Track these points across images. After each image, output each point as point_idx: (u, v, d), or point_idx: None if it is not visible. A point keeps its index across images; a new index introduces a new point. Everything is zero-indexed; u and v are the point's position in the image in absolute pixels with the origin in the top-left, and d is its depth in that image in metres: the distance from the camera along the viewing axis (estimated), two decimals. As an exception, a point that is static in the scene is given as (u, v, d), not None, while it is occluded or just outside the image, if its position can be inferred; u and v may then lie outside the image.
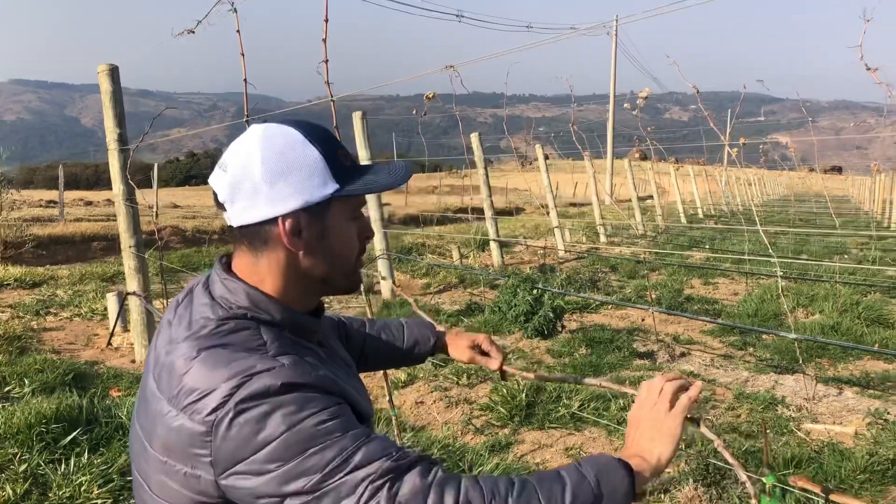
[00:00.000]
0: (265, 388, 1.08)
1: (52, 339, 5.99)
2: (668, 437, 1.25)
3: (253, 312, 1.23)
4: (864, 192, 35.62)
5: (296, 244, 1.24)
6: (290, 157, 1.21)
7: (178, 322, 1.24)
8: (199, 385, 1.10)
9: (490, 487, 1.09)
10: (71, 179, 44.91)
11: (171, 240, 14.54)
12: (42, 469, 3.17)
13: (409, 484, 1.06)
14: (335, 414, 1.11)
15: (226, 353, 1.14)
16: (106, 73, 5.18)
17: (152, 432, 1.17)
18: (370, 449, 1.08)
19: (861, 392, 4.61)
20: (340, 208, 1.26)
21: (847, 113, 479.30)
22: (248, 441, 1.06)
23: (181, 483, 1.14)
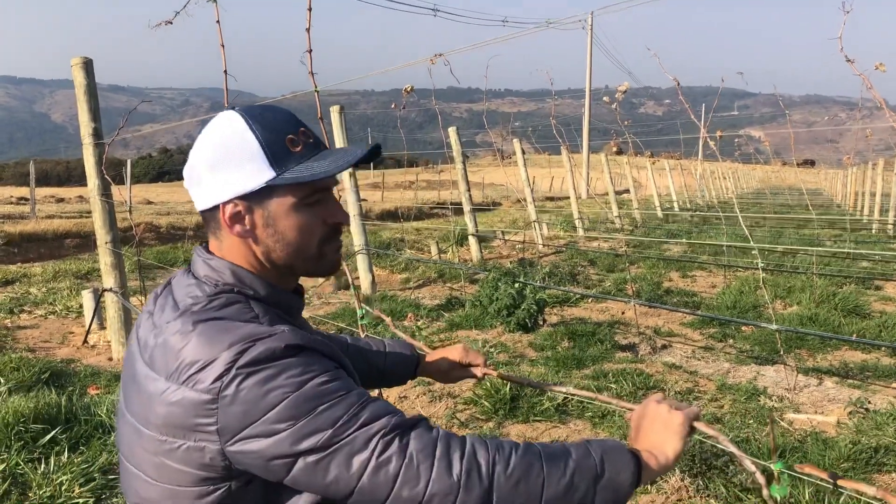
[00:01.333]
0: (269, 351, 1.10)
1: (26, 337, 5.89)
2: (676, 434, 1.27)
3: (239, 287, 1.24)
4: (836, 185, 36.11)
5: (240, 231, 1.25)
6: (228, 145, 1.22)
7: (160, 310, 1.24)
8: (200, 356, 1.11)
9: (495, 444, 1.13)
10: (42, 176, 44.25)
11: (146, 236, 14.37)
12: (21, 468, 3.11)
13: (418, 437, 1.10)
14: (335, 375, 1.14)
15: (222, 323, 1.15)
16: (80, 65, 5.08)
17: (148, 414, 1.16)
18: (376, 407, 1.12)
19: (841, 382, 4.66)
20: (286, 194, 1.23)
21: (819, 107, 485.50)
22: (255, 404, 1.07)
23: (182, 459, 1.13)
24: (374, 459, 1.07)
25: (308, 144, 1.25)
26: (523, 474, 1.10)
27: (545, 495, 1.10)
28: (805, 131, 77.68)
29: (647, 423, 1.31)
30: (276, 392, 1.07)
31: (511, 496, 1.09)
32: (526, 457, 1.12)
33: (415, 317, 6.57)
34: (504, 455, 1.11)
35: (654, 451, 1.24)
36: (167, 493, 1.17)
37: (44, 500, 2.90)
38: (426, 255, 11.42)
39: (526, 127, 16.07)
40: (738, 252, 10.79)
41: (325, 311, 6.87)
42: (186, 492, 1.16)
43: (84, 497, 2.94)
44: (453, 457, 1.09)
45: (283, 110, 1.28)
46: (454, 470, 1.08)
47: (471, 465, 1.09)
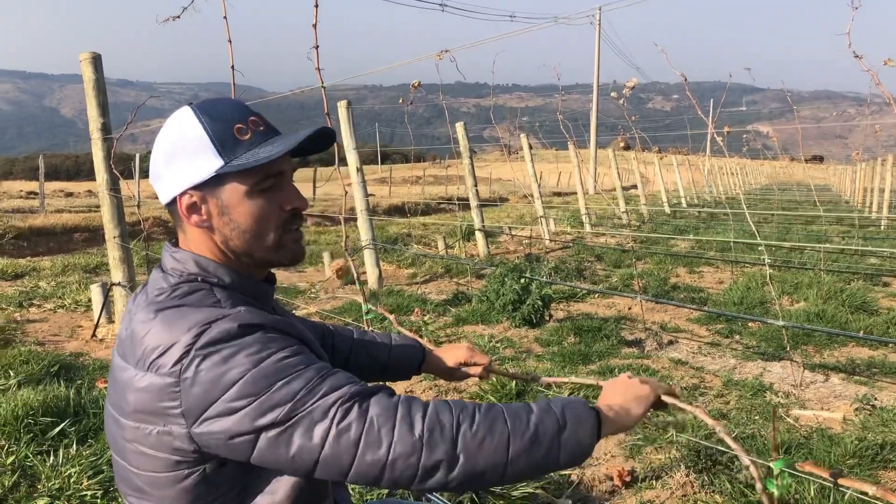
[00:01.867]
0: (225, 331, 1.12)
1: (35, 330, 5.92)
2: (640, 399, 1.34)
3: (203, 276, 1.26)
4: (845, 181, 35.93)
5: (197, 221, 1.27)
6: (180, 139, 1.25)
7: (136, 306, 1.26)
8: (160, 341, 1.13)
9: (458, 405, 1.15)
10: (51, 170, 44.40)
11: (155, 231, 14.42)
12: (30, 461, 3.14)
13: (378, 402, 1.11)
14: (296, 351, 1.15)
15: (182, 310, 1.18)
16: (88, 61, 5.11)
17: (122, 402, 1.19)
18: (335, 378, 1.13)
19: (847, 378, 4.65)
20: (238, 182, 1.24)
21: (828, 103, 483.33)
22: (215, 383, 1.09)
23: (154, 445, 1.16)
24: (334, 427, 1.07)
25: (257, 132, 1.26)
26: (488, 431, 1.11)
27: (511, 450, 1.12)
28: (814, 127, 77.26)
29: (614, 387, 1.38)
30: (235, 370, 1.09)
31: (477, 453, 1.10)
32: (489, 414, 1.14)
33: (421, 312, 6.58)
34: (468, 413, 1.13)
35: (615, 407, 1.30)
36: (148, 481, 1.20)
37: (52, 492, 2.93)
38: (433, 250, 11.43)
39: (533, 122, 16.06)
40: (746, 248, 10.76)
41: (332, 306, 6.89)
42: (164, 478, 1.18)
43: (92, 489, 2.96)
44: (415, 418, 1.10)
45: (235, 101, 1.30)
46: (416, 430, 1.08)
47: (433, 424, 1.10)
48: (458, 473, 1.09)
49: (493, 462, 1.11)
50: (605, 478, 3.20)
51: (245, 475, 1.22)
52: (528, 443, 1.14)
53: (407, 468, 1.08)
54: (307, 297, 7.47)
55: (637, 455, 3.41)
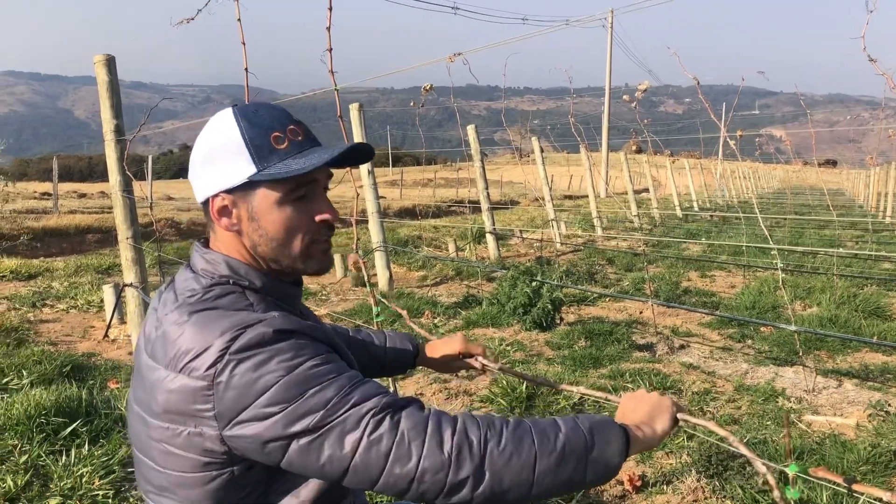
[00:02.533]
0: (259, 337, 1.12)
1: (48, 330, 5.96)
2: (666, 412, 1.33)
3: (235, 279, 1.27)
4: (858, 185, 35.71)
5: (227, 224, 1.28)
6: (218, 142, 1.25)
7: (162, 305, 1.27)
8: (194, 344, 1.14)
9: (486, 421, 1.15)
10: (64, 172, 44.71)
11: (167, 232, 14.50)
12: (42, 460, 3.15)
13: (409, 416, 1.12)
14: (327, 359, 1.16)
15: (216, 313, 1.18)
16: (102, 63, 5.14)
17: (151, 402, 1.19)
18: (366, 387, 1.14)
19: (860, 384, 4.61)
20: (269, 190, 1.24)
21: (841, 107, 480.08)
22: (248, 388, 1.09)
23: (184, 446, 1.17)
24: (365, 438, 1.08)
25: (294, 142, 1.26)
26: (515, 449, 1.12)
27: (537, 469, 1.12)
28: (827, 131, 76.91)
29: (636, 403, 1.36)
30: (268, 376, 1.10)
31: (503, 471, 1.10)
32: (517, 432, 1.14)
33: (432, 314, 6.58)
34: (496, 430, 1.13)
35: (642, 426, 1.29)
36: (174, 481, 1.21)
37: (65, 492, 2.94)
38: (443, 252, 11.43)
39: (545, 125, 16.03)
40: (758, 252, 10.70)
41: (343, 308, 6.91)
42: (191, 478, 1.19)
43: (104, 489, 2.98)
44: (444, 434, 1.10)
45: (277, 108, 1.30)
46: (445, 446, 1.09)
47: (462, 441, 1.10)
48: (484, 490, 1.10)
49: (519, 480, 1.11)
50: (615, 483, 3.18)
51: (270, 477, 1.23)
52: (555, 462, 1.14)
53: (434, 483, 1.09)
54: (318, 299, 7.48)
55: (648, 460, 3.40)
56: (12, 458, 3.16)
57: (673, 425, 1.34)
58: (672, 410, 1.34)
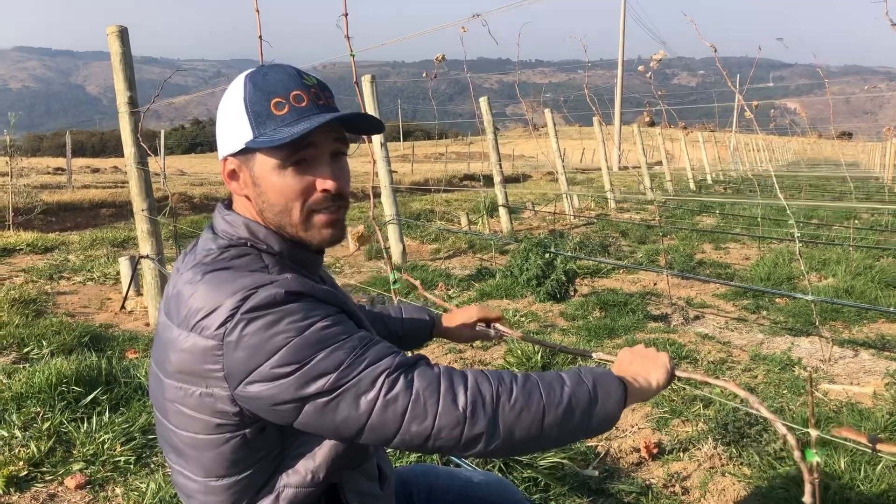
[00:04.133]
0: (270, 297, 1.12)
1: (66, 302, 6.01)
2: (661, 366, 1.36)
3: (253, 242, 1.27)
4: (874, 157, 35.33)
5: (235, 188, 1.30)
6: (228, 104, 1.26)
7: (184, 265, 1.27)
8: (205, 304, 1.14)
9: (496, 376, 1.17)
10: (77, 147, 44.83)
11: (180, 207, 14.54)
12: (65, 427, 3.19)
13: (422, 375, 1.13)
14: (338, 320, 1.16)
15: (229, 273, 1.18)
16: (115, 34, 5.12)
17: (165, 361, 1.20)
18: (378, 348, 1.15)
19: (877, 354, 4.60)
20: (266, 156, 1.23)
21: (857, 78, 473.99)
22: (258, 349, 1.10)
23: (197, 406, 1.17)
24: (381, 398, 1.09)
25: (295, 108, 1.22)
26: (525, 403, 1.15)
27: (545, 421, 1.16)
28: (842, 102, 75.90)
29: (633, 356, 1.40)
30: (279, 337, 1.10)
31: (514, 424, 1.14)
32: (526, 386, 1.17)
33: (445, 286, 6.59)
34: (506, 386, 1.15)
35: (639, 377, 1.33)
36: (187, 442, 1.22)
37: (87, 458, 2.98)
38: (456, 226, 11.42)
39: (557, 97, 15.89)
40: (772, 224, 10.64)
41: (357, 280, 6.93)
42: (204, 440, 1.20)
43: (125, 455, 3.01)
44: (458, 391, 1.12)
45: (289, 71, 1.26)
46: (459, 403, 1.11)
47: (475, 397, 1.12)
48: (497, 443, 1.13)
49: (529, 433, 1.15)
50: (631, 450, 3.20)
51: (284, 439, 1.23)
52: (562, 415, 1.17)
53: (450, 439, 1.11)
54: (332, 271, 7.50)
55: (664, 427, 3.40)
56: (35, 424, 3.21)
57: (669, 380, 1.36)
58: (668, 365, 1.37)
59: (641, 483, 2.90)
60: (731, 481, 2.88)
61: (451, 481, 1.69)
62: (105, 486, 2.84)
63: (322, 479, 1.25)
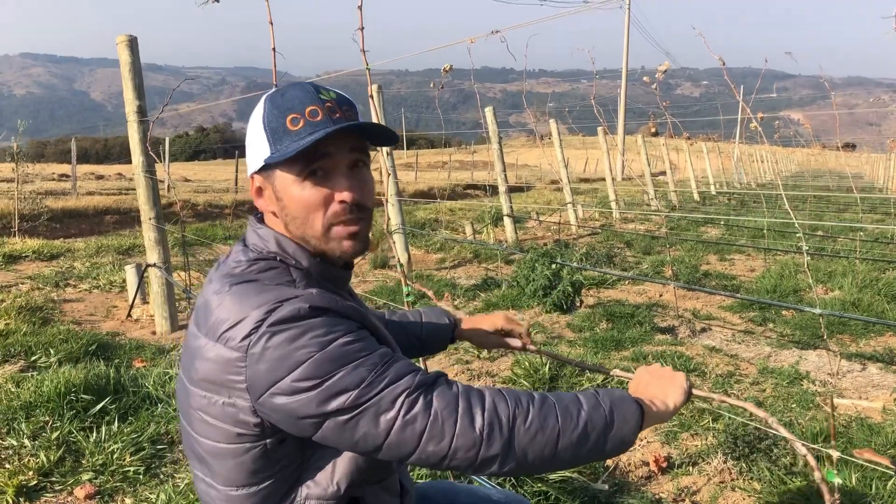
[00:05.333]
0: (295, 311, 1.13)
1: (72, 310, 6.02)
2: (679, 387, 1.37)
3: (282, 256, 1.28)
4: (878, 169, 35.32)
5: (262, 205, 1.33)
6: (251, 124, 1.29)
7: (215, 275, 1.29)
8: (231, 315, 1.16)
9: (514, 398, 1.18)
10: (81, 154, 44.95)
11: (184, 214, 14.55)
12: (74, 437, 3.19)
13: (441, 395, 1.14)
14: (360, 336, 1.17)
15: (256, 285, 1.20)
16: (125, 44, 5.15)
17: (191, 369, 1.22)
18: (398, 367, 1.15)
19: (885, 367, 4.58)
20: (284, 171, 1.25)
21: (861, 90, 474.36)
22: (281, 362, 1.11)
23: (219, 415, 1.19)
24: (400, 418, 1.11)
25: (310, 122, 1.23)
26: (541, 426, 1.16)
27: (560, 444, 1.16)
28: (846, 114, 76.01)
29: (650, 376, 1.40)
30: (302, 351, 1.11)
31: (529, 446, 1.15)
32: (543, 409, 1.18)
33: (451, 296, 6.59)
34: (523, 408, 1.16)
35: (656, 400, 1.33)
36: (209, 450, 1.23)
37: (96, 468, 2.98)
38: (461, 235, 11.42)
39: (561, 107, 15.90)
40: (778, 236, 10.63)
41: (363, 289, 6.92)
42: (225, 449, 1.21)
43: (135, 465, 3.01)
44: (475, 412, 1.13)
45: (306, 88, 1.27)
46: (476, 424, 1.12)
47: (492, 419, 1.13)
48: (511, 465, 1.15)
49: (543, 455, 1.16)
50: (641, 463, 3.19)
51: (304, 451, 1.24)
52: (577, 439, 1.18)
53: (465, 459, 1.12)
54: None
55: (673, 441, 3.40)
56: (44, 434, 3.20)
57: (685, 400, 1.37)
58: (685, 385, 1.37)
59: (651, 497, 2.90)
60: (741, 496, 2.88)
61: (470, 499, 1.69)
62: (114, 496, 2.84)
63: (343, 492, 1.25)
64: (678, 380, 1.38)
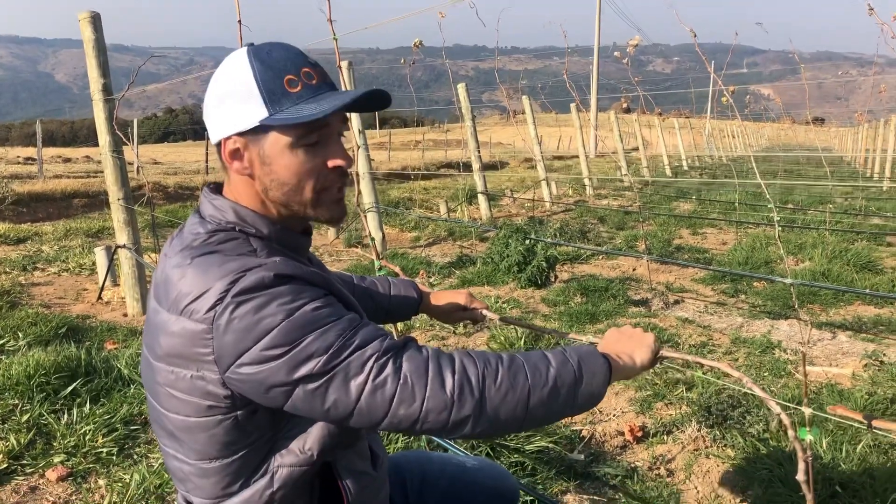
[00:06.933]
0: (259, 280, 1.11)
1: (41, 293, 5.92)
2: (646, 346, 1.39)
3: (241, 226, 1.25)
4: (846, 142, 35.78)
5: (238, 168, 1.26)
6: (231, 82, 1.22)
7: (171, 249, 1.25)
8: (194, 287, 1.13)
9: (483, 359, 1.18)
10: (47, 136, 44.14)
11: (154, 196, 14.35)
12: (44, 419, 3.14)
13: (410, 358, 1.13)
14: (327, 302, 1.16)
15: (217, 256, 1.17)
16: (88, 20, 5.03)
17: (155, 345, 1.19)
18: (367, 331, 1.14)
19: (854, 335, 4.66)
20: (280, 134, 1.21)
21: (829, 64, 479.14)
22: (248, 331, 1.09)
23: (188, 389, 1.17)
24: (370, 382, 1.09)
25: (308, 85, 1.22)
26: (511, 385, 1.15)
27: (531, 402, 1.17)
28: (815, 86, 76.78)
29: (619, 335, 1.43)
30: (268, 320, 1.09)
31: (500, 406, 1.14)
32: (512, 368, 1.17)
33: (426, 273, 6.58)
34: (492, 368, 1.16)
35: (623, 355, 1.35)
36: (179, 425, 1.21)
37: (68, 449, 2.94)
38: (435, 213, 11.39)
39: (534, 84, 15.87)
40: (749, 209, 10.74)
41: (338, 268, 6.89)
42: (195, 423, 1.19)
43: (107, 446, 2.98)
44: (445, 374, 1.12)
45: (292, 49, 1.25)
46: (447, 386, 1.11)
47: (462, 380, 1.13)
48: (483, 425, 1.14)
49: (514, 414, 1.16)
50: (616, 433, 3.21)
51: (275, 422, 1.23)
52: (548, 395, 1.18)
53: (437, 422, 1.12)
54: (311, 259, 7.46)
55: (648, 410, 3.43)
56: (14, 417, 3.15)
57: (653, 360, 1.38)
58: (653, 345, 1.39)
59: (627, 466, 2.92)
60: (715, 463, 2.91)
61: (444, 466, 1.69)
62: (87, 477, 2.81)
63: (316, 457, 1.24)
64: (646, 339, 1.40)
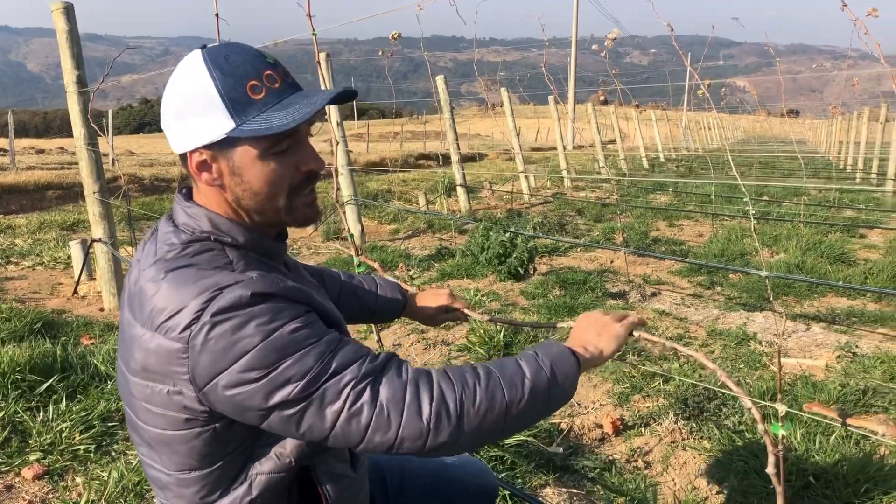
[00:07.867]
0: (236, 299, 1.08)
1: (15, 288, 5.84)
2: (613, 337, 1.41)
3: (216, 235, 1.22)
4: (820, 135, 36.18)
5: (207, 179, 1.21)
6: (190, 93, 1.16)
7: (145, 257, 1.22)
8: (169, 304, 1.10)
9: (460, 380, 1.17)
10: (19, 127, 43.40)
11: (130, 188, 14.20)
12: (20, 417, 3.11)
13: (388, 384, 1.12)
14: (306, 322, 1.13)
15: (192, 271, 1.14)
16: (61, 11, 4.95)
17: (129, 358, 1.17)
18: (345, 353, 1.13)
19: (828, 327, 4.73)
20: (250, 145, 1.16)
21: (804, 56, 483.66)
22: (224, 353, 1.07)
23: (164, 403, 1.15)
24: (346, 410, 1.08)
25: (272, 91, 1.17)
26: (489, 405, 1.16)
27: (508, 417, 1.18)
28: (789, 80, 77.38)
29: (588, 323, 1.45)
30: (245, 341, 1.06)
31: (479, 426, 1.15)
32: (489, 387, 1.17)
33: (406, 266, 6.58)
34: (470, 391, 1.15)
35: (589, 346, 1.37)
36: (156, 437, 1.20)
37: (44, 447, 2.91)
38: (414, 206, 11.38)
39: (512, 76, 15.89)
40: (725, 202, 10.84)
41: (315, 261, 6.87)
42: (173, 435, 1.17)
43: (85, 443, 2.95)
44: (423, 401, 1.12)
45: (250, 51, 1.20)
46: (423, 414, 1.11)
47: (440, 407, 1.12)
48: (460, 447, 1.15)
49: (493, 431, 1.18)
50: (594, 426, 3.24)
51: (253, 432, 1.21)
52: (525, 406, 1.19)
53: (413, 448, 1.12)
54: (290, 253, 7.43)
55: (625, 403, 3.46)
56: (-12, 415, 3.12)
57: (618, 347, 1.41)
58: (623, 335, 1.42)
59: (605, 458, 2.95)
60: (691, 455, 2.95)
61: (424, 463, 1.69)
62: (64, 475, 2.78)
63: (294, 463, 1.24)
64: (613, 330, 1.41)
